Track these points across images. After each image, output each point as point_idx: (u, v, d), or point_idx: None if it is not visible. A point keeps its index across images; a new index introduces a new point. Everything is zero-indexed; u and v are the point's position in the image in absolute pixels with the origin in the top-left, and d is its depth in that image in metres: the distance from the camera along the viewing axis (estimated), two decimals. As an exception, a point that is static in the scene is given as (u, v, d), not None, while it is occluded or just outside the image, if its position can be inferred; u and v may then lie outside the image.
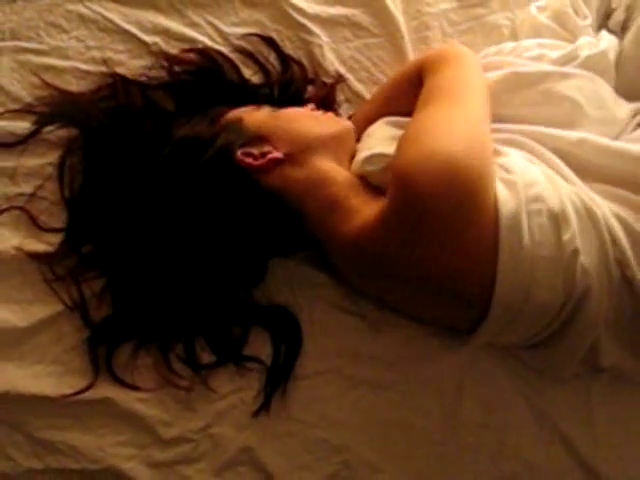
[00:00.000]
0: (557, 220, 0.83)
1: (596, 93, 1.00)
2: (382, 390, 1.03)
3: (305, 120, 1.01)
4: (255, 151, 0.96)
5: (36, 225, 1.04)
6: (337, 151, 1.00)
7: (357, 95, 1.16)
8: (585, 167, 0.92)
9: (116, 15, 1.14)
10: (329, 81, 1.16)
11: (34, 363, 1.01)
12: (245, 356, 1.03)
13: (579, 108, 0.99)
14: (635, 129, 1.02)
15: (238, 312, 1.04)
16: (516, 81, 1.00)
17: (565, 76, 1.00)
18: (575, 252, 0.83)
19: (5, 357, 1.00)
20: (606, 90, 1.02)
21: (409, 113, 0.95)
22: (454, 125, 0.84)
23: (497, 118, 0.98)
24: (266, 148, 0.97)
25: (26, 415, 0.99)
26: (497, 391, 1.03)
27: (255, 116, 1.00)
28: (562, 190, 0.86)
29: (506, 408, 1.03)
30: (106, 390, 1.00)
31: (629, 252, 0.85)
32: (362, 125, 1.06)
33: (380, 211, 0.86)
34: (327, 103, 1.14)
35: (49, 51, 1.12)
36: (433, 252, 0.83)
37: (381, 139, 1.00)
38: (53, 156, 1.07)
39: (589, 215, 0.85)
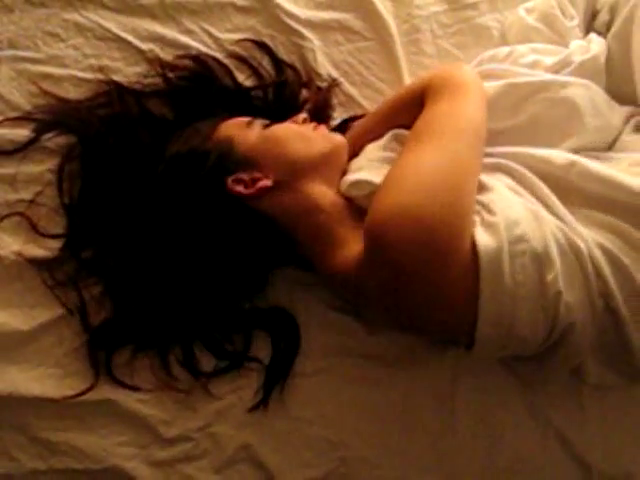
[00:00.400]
0: (540, 260, 0.83)
1: (592, 100, 1.01)
2: (377, 387, 1.05)
3: (294, 142, 1.00)
4: (245, 177, 0.97)
5: (36, 231, 1.05)
6: (327, 171, 1.00)
7: (350, 98, 1.17)
8: (572, 192, 0.91)
9: (112, 23, 1.15)
10: (323, 85, 1.17)
11: (36, 366, 1.03)
12: (245, 357, 1.05)
13: (577, 116, 0.99)
14: (635, 132, 1.03)
15: (238, 319, 1.06)
16: (513, 92, 1.00)
17: (563, 85, 1.00)
18: (558, 293, 0.83)
19: (8, 360, 1.02)
20: (600, 96, 1.03)
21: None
22: (434, 174, 0.84)
23: (494, 131, 0.98)
24: (256, 174, 0.97)
25: (29, 417, 1.01)
26: (492, 387, 1.05)
27: (246, 136, 1.00)
28: (546, 227, 0.86)
29: (501, 404, 1.04)
30: (107, 391, 1.02)
31: (612, 283, 0.85)
32: (360, 139, 1.06)
33: (359, 253, 0.88)
34: (323, 107, 1.15)
35: (47, 60, 1.12)
36: (411, 300, 0.84)
37: (372, 159, 1.01)
38: (52, 163, 1.08)
39: (573, 250, 0.85)
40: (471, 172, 0.88)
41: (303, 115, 1.06)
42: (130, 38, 1.14)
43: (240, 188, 0.96)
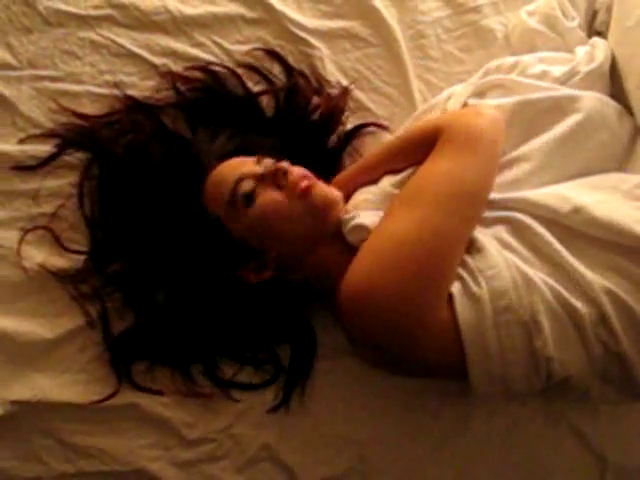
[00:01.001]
0: (528, 328, 0.84)
1: (601, 113, 1.01)
2: (394, 387, 1.06)
3: (279, 226, 0.97)
4: (251, 267, 1.00)
5: (59, 244, 1.08)
6: (319, 233, 0.99)
7: (358, 103, 1.19)
8: (577, 236, 0.90)
9: (126, 40, 1.18)
10: (334, 92, 1.18)
11: (62, 372, 1.06)
12: (279, 375, 1.07)
13: (587, 131, 1.00)
14: None
15: (260, 338, 1.08)
16: (528, 110, 1.01)
17: (575, 99, 1.01)
18: (549, 358, 0.84)
19: (35, 367, 1.06)
20: (611, 107, 1.03)
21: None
22: (407, 248, 0.84)
23: (508, 149, 1.00)
24: (258, 263, 0.99)
25: (57, 421, 1.05)
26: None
27: (235, 222, 0.98)
28: (534, 292, 0.85)
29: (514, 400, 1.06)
30: (131, 396, 1.05)
31: (618, 327, 0.85)
32: (373, 170, 1.06)
33: None
34: (335, 114, 1.16)
35: (64, 77, 1.16)
36: (395, 364, 0.90)
37: (377, 193, 1.02)
38: (73, 177, 1.11)
39: (566, 310, 0.85)
40: (451, 244, 0.87)
41: (284, 167, 0.98)
42: (144, 53, 1.18)
43: (251, 276, 1.00)
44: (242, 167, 0.99)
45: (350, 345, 0.99)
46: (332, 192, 1.00)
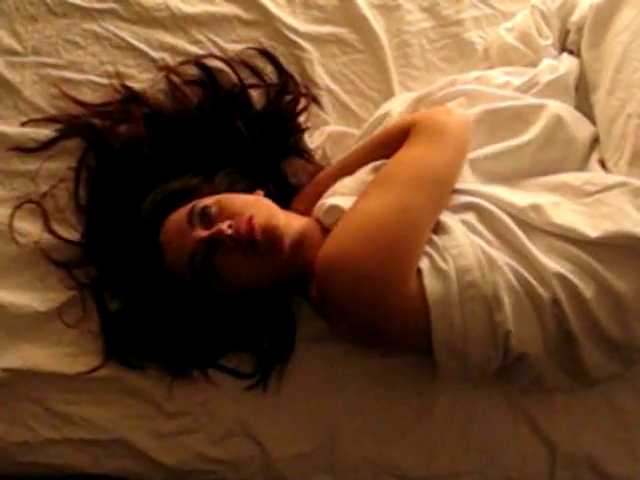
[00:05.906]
0: (489, 305, 0.90)
1: (563, 121, 1.06)
2: (363, 374, 1.12)
3: (244, 282, 1.03)
4: None
5: (46, 224, 1.13)
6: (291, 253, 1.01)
7: (344, 105, 1.25)
8: (533, 228, 0.96)
9: (127, 33, 1.24)
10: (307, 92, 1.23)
11: (53, 344, 1.11)
12: (268, 372, 1.12)
13: (548, 139, 1.04)
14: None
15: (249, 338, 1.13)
16: (490, 119, 1.05)
17: (537, 108, 1.06)
18: (508, 332, 0.91)
19: (27, 339, 1.10)
20: (572, 115, 1.08)
21: None
22: (376, 222, 0.90)
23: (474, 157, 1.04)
24: None
25: (45, 390, 1.09)
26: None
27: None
28: (497, 271, 0.91)
29: (476, 387, 1.12)
30: (115, 369, 1.10)
31: (568, 308, 0.91)
32: (348, 168, 1.11)
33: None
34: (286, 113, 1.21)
35: (67, 65, 1.21)
36: (360, 332, 0.95)
37: (352, 180, 1.07)
38: (72, 161, 1.16)
39: (525, 288, 0.91)
40: (420, 220, 0.93)
41: (220, 230, 0.97)
42: (143, 47, 1.23)
43: None
44: (184, 233, 1.00)
45: (327, 324, 1.04)
46: (272, 218, 0.99)
